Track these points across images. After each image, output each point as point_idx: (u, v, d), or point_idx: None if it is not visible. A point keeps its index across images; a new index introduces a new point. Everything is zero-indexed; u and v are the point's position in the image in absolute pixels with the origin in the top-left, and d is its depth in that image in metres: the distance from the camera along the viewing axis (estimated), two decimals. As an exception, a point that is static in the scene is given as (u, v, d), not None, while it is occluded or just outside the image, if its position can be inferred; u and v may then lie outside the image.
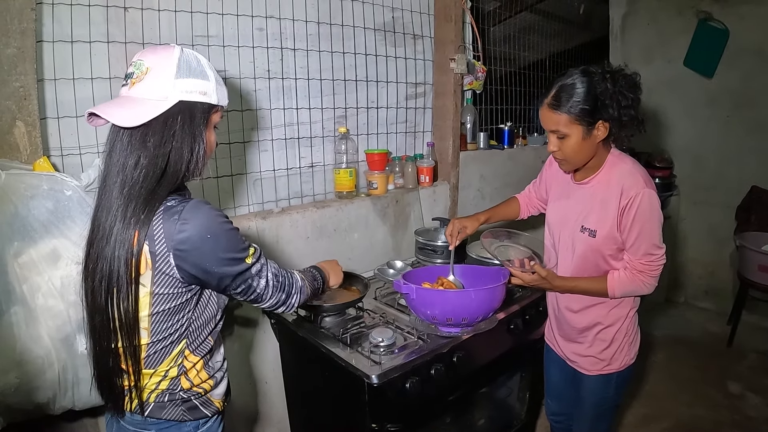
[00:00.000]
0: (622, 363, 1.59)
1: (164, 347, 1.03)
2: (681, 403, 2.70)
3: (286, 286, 1.14)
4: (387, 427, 1.42)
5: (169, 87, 0.96)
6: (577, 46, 3.73)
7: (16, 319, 1.16)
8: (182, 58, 0.98)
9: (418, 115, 2.50)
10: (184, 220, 0.94)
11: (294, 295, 1.16)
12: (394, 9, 2.28)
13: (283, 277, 1.14)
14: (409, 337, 1.56)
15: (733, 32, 3.45)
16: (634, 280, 1.44)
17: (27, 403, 1.21)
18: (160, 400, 1.06)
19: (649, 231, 1.39)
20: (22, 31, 1.25)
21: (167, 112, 0.95)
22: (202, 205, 0.98)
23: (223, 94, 1.05)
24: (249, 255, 1.05)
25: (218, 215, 1.00)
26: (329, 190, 2.17)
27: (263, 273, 1.09)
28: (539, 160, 3.07)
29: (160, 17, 1.59)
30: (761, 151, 3.48)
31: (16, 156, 1.28)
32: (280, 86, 1.93)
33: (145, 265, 0.95)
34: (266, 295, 1.10)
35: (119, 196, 0.95)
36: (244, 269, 1.04)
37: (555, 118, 1.37)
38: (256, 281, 1.07)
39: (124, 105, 0.95)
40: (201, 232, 0.95)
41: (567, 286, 1.52)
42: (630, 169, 1.43)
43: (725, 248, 3.68)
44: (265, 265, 1.10)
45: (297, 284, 1.18)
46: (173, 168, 0.98)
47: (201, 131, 1.01)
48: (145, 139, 0.95)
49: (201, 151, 1.02)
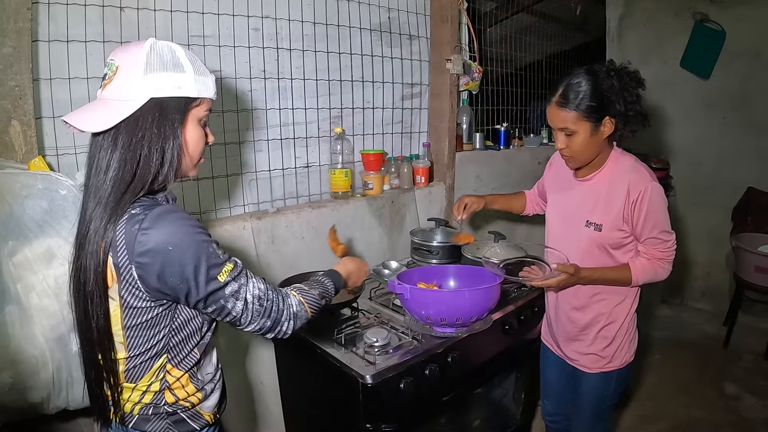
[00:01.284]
0: (622, 361, 1.61)
1: (143, 362, 0.98)
2: (677, 404, 2.71)
3: (272, 312, 1.01)
4: (381, 427, 1.42)
5: (138, 85, 0.90)
6: (573, 48, 3.74)
7: (10, 319, 1.16)
8: (152, 53, 0.92)
9: (414, 115, 2.50)
10: (145, 230, 0.88)
11: (284, 322, 1.04)
12: (390, 9, 2.28)
13: (270, 301, 1.02)
14: (404, 337, 1.56)
15: (730, 33, 3.46)
16: (655, 267, 1.49)
17: (21, 403, 1.21)
18: (144, 412, 1.01)
19: (661, 221, 1.45)
20: (18, 30, 1.25)
21: (138, 112, 0.90)
22: (168, 213, 0.91)
23: (205, 85, 0.98)
24: (223, 272, 0.94)
25: (186, 225, 0.92)
26: (325, 190, 2.17)
27: (241, 294, 0.97)
28: (535, 161, 3.08)
29: (156, 17, 1.59)
30: (758, 152, 3.49)
31: (12, 155, 1.28)
32: (275, 86, 1.93)
33: (111, 278, 0.91)
34: (245, 320, 0.99)
35: (91, 201, 0.92)
36: (215, 288, 0.94)
37: (563, 116, 1.41)
38: (231, 303, 0.96)
39: (93, 109, 0.92)
40: (162, 243, 0.88)
41: (593, 277, 1.52)
42: (633, 165, 1.48)
43: (722, 249, 3.69)
44: (244, 285, 0.98)
45: (289, 310, 1.05)
46: (141, 171, 0.92)
47: (174, 129, 0.95)
48: (116, 141, 0.91)
49: (174, 151, 0.95)
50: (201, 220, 1.74)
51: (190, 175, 1.05)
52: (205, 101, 1.01)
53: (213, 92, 1.01)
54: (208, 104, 1.02)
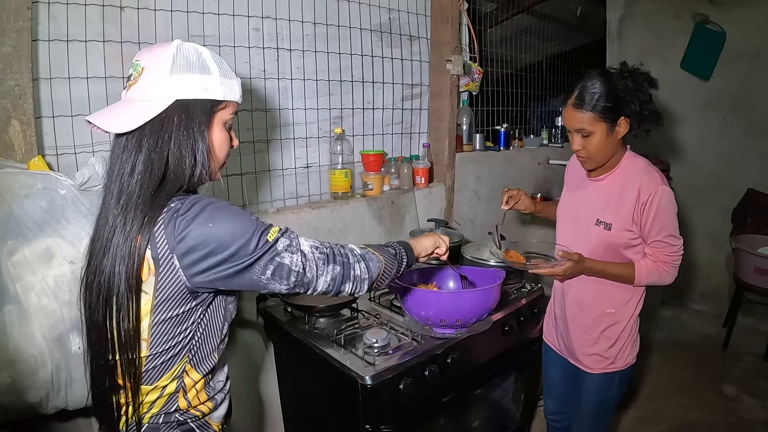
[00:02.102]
0: (625, 362, 1.61)
1: (164, 361, 0.95)
2: (677, 405, 2.71)
3: (336, 255, 0.97)
4: (381, 428, 1.42)
5: (164, 86, 0.90)
6: (573, 49, 3.75)
7: (9, 318, 1.16)
8: (179, 54, 0.91)
9: (414, 116, 2.50)
10: (183, 216, 0.87)
11: (355, 264, 0.99)
12: (390, 10, 2.28)
13: (329, 247, 0.98)
14: (404, 338, 1.56)
15: (730, 35, 3.46)
16: (659, 270, 1.50)
17: (20, 403, 1.21)
18: (154, 422, 0.98)
19: (669, 224, 1.47)
20: (18, 29, 1.25)
21: (163, 113, 0.90)
22: (202, 197, 0.91)
23: (231, 88, 0.97)
24: (271, 232, 0.92)
25: (221, 203, 0.91)
26: (324, 190, 2.17)
27: (295, 247, 0.94)
28: (535, 162, 3.08)
29: (156, 17, 1.59)
30: (758, 153, 3.49)
31: (11, 155, 1.28)
32: (276, 87, 1.93)
33: (148, 272, 0.89)
34: (311, 273, 0.94)
35: (116, 205, 0.90)
36: (267, 248, 0.90)
37: (579, 117, 1.43)
38: (289, 257, 0.92)
39: (119, 110, 0.91)
40: (203, 222, 0.87)
41: (597, 268, 1.53)
42: (645, 167, 1.50)
43: (721, 251, 3.69)
44: (296, 239, 0.95)
45: (354, 253, 1.01)
46: (174, 173, 0.91)
47: (201, 131, 0.94)
48: (141, 143, 0.90)
49: (204, 153, 0.94)
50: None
51: (215, 178, 1.03)
52: (231, 104, 0.99)
53: (239, 95, 1.00)
54: (233, 107, 1.00)
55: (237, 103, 1.01)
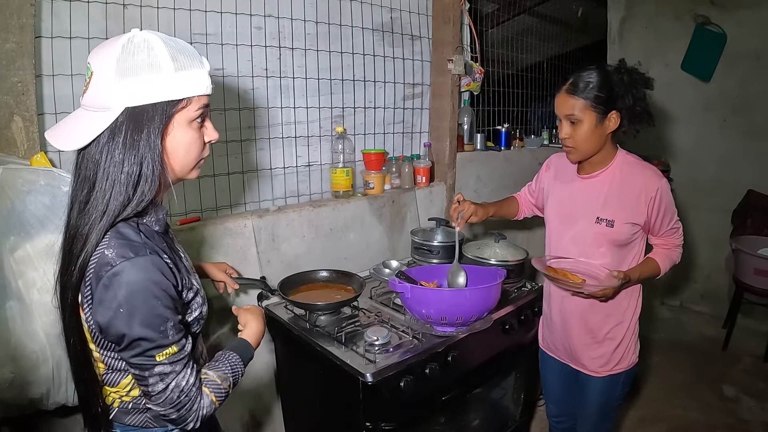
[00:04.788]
0: (629, 362, 1.62)
1: (120, 370, 0.95)
2: (676, 406, 2.71)
3: (182, 409, 0.90)
4: (381, 425, 1.42)
5: (112, 93, 0.81)
6: (574, 50, 3.75)
7: (11, 314, 1.16)
8: (124, 53, 0.82)
9: (416, 115, 2.51)
10: (108, 278, 0.82)
11: (189, 423, 0.93)
12: (392, 9, 2.29)
13: (189, 400, 0.91)
14: (404, 336, 1.56)
15: (731, 36, 3.47)
16: (671, 254, 1.58)
17: (21, 398, 1.21)
18: (123, 407, 0.99)
19: (674, 212, 1.55)
20: (21, 26, 1.26)
21: (113, 124, 0.82)
22: (135, 272, 0.83)
23: (192, 81, 0.87)
24: (163, 353, 0.86)
25: (149, 289, 0.84)
26: (326, 189, 2.17)
27: (167, 379, 0.88)
28: (536, 162, 3.08)
29: (159, 15, 1.59)
30: (758, 155, 3.49)
31: (14, 151, 1.28)
32: (277, 85, 1.93)
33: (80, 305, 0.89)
34: (155, 400, 0.89)
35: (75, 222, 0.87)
36: (147, 363, 0.86)
37: (571, 103, 1.44)
38: (154, 380, 0.87)
39: (73, 122, 0.85)
40: (118, 301, 0.82)
41: (635, 278, 1.52)
42: (640, 162, 1.53)
43: (721, 252, 3.69)
44: (176, 373, 0.89)
45: (199, 412, 0.93)
46: (115, 197, 0.84)
47: (150, 141, 0.85)
48: (94, 159, 0.84)
49: (152, 164, 0.85)
50: (202, 219, 1.75)
51: (188, 177, 0.99)
52: (194, 100, 0.89)
53: (205, 87, 0.90)
54: (200, 101, 0.91)
55: (206, 95, 0.92)
